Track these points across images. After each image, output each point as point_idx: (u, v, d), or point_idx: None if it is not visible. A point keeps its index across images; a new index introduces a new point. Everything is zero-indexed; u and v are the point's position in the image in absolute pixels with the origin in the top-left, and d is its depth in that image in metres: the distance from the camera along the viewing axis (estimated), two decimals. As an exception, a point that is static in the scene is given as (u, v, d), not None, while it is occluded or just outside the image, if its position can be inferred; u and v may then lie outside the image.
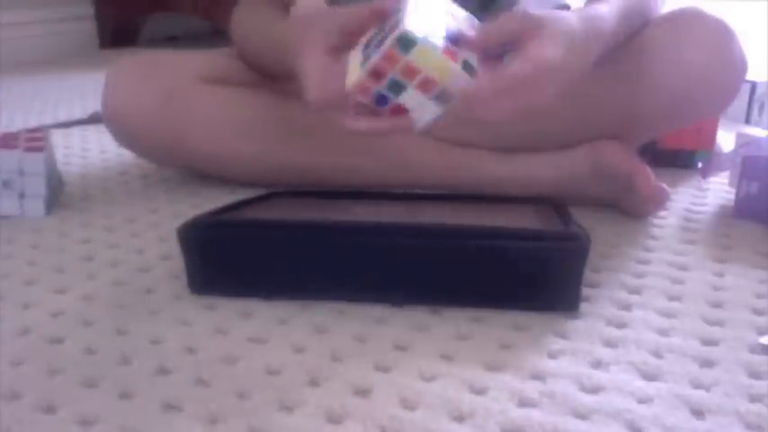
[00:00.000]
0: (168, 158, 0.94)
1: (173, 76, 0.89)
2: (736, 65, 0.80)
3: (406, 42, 0.56)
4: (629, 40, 0.80)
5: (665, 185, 0.82)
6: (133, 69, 0.90)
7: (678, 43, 0.79)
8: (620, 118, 0.82)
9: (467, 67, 0.58)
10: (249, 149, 0.90)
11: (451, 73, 0.57)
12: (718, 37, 0.79)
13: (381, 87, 0.59)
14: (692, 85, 0.79)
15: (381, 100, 0.60)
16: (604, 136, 0.83)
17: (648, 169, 0.81)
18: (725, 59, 0.79)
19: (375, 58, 0.57)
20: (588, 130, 0.84)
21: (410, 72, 0.57)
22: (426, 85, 0.58)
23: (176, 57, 0.93)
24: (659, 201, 0.83)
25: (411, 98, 0.59)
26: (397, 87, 0.59)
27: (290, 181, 0.90)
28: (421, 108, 0.60)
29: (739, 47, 0.80)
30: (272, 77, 0.92)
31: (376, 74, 0.58)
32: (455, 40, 0.58)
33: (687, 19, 0.80)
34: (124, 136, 0.92)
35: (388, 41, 0.56)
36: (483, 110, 0.60)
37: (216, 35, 2.44)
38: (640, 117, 0.82)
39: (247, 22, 0.91)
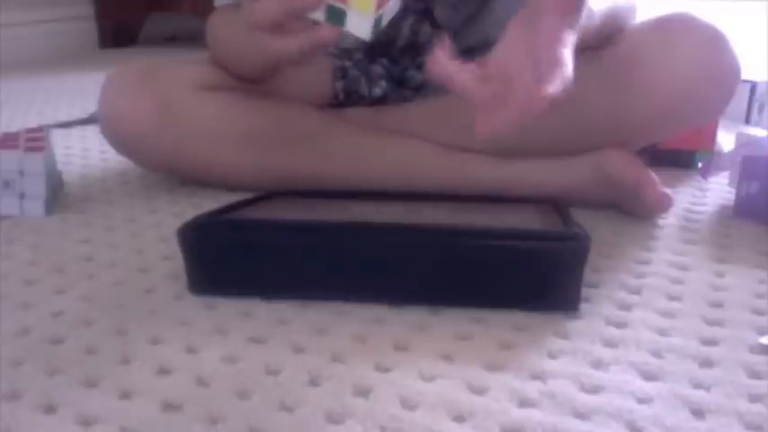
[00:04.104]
0: (168, 168, 0.94)
1: (168, 86, 0.88)
2: (727, 76, 0.78)
3: None
4: (618, 46, 0.79)
5: (668, 192, 0.83)
6: (128, 80, 0.89)
7: (666, 57, 0.77)
8: (609, 126, 0.81)
9: None
10: (249, 157, 0.89)
11: None
12: (708, 49, 0.77)
13: None
14: (680, 100, 0.78)
15: None
16: (597, 143, 0.83)
17: (655, 177, 0.81)
18: (714, 73, 0.77)
19: None
20: (579, 138, 0.83)
21: None
22: None
23: (171, 65, 0.92)
24: (664, 208, 0.83)
25: None
26: None
27: (291, 186, 0.89)
28: None
29: (730, 57, 0.78)
30: (247, 81, 0.91)
31: None
32: None
33: (677, 29, 0.78)
34: (122, 148, 0.91)
35: None
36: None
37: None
38: (631, 126, 0.80)
39: (219, 27, 0.91)
